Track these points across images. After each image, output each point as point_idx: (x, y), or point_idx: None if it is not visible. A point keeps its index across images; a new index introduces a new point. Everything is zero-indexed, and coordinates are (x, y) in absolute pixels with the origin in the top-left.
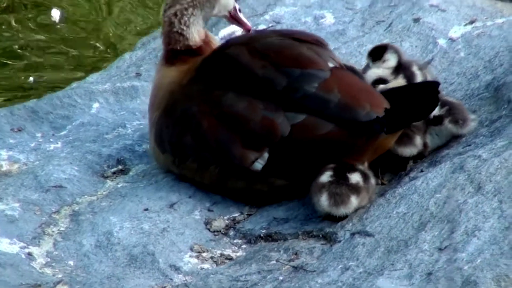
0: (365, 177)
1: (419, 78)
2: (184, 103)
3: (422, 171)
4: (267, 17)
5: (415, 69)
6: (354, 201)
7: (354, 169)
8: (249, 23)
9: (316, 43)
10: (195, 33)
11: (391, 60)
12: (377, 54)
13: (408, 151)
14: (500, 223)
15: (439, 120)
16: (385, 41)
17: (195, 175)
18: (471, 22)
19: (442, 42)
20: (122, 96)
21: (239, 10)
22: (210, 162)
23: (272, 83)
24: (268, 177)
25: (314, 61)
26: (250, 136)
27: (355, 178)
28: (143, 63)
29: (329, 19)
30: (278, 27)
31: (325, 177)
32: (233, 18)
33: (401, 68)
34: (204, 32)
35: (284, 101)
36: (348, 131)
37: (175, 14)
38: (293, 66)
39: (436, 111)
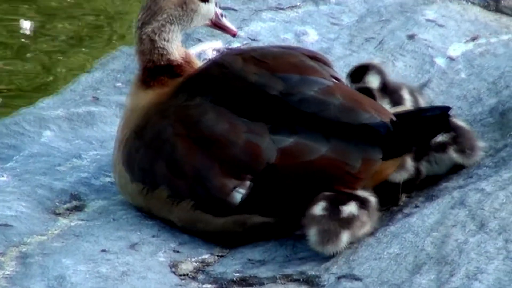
0: (363, 204)
1: (408, 103)
2: (157, 122)
3: (417, 206)
4: (241, 33)
5: (404, 92)
6: (344, 238)
7: (350, 198)
8: (234, 28)
9: (321, 60)
10: (175, 49)
11: (373, 82)
12: (357, 75)
13: (397, 176)
14: (506, 265)
15: (442, 147)
16: (376, 60)
17: (163, 208)
18: (473, 39)
19: (440, 61)
20: (77, 123)
21: (222, 15)
22: (183, 193)
23: (266, 88)
24: (249, 212)
25: (316, 69)
26: (231, 162)
27: (349, 209)
28: (101, 86)
29: (312, 35)
30: (254, 44)
31: (318, 209)
32: (216, 25)
33: (387, 91)
34: (183, 50)
35: (277, 107)
36: (344, 152)
37: (154, 32)
38: (292, 72)
39: (440, 136)
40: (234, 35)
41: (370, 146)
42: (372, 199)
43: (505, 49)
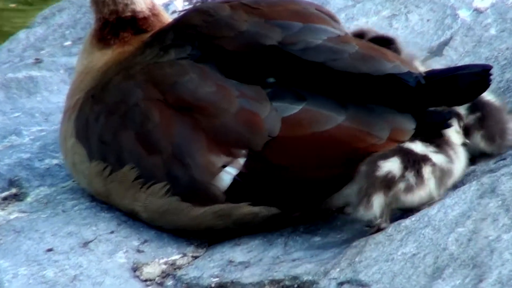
0: (414, 162)
1: None
2: (122, 83)
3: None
4: None
5: (417, 65)
6: (377, 202)
7: (396, 152)
8: None
9: (328, 14)
10: None
11: None
12: None
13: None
14: None
15: (465, 131)
16: (386, 13)
17: (127, 194)
18: None
19: (464, 14)
20: (16, 91)
21: None
22: (157, 173)
23: (260, 38)
24: (238, 200)
25: (323, 18)
26: (220, 135)
27: (388, 166)
28: (44, 45)
29: None
30: None
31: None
32: None
33: None
34: (150, 1)
35: (275, 60)
36: (367, 120)
37: None
38: (292, 20)
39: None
40: None
41: (398, 113)
42: (436, 158)
43: None
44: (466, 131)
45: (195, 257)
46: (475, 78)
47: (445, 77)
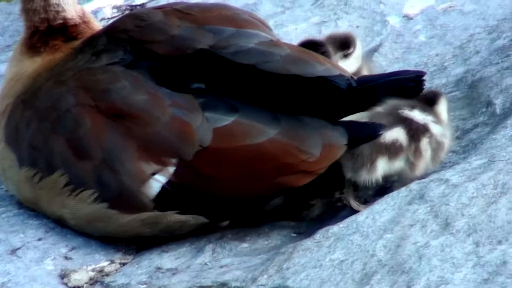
0: (417, 132)
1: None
2: (53, 88)
3: (366, 201)
4: None
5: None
6: (381, 166)
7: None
8: None
9: (260, 21)
10: (70, 5)
11: None
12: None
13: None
14: (477, 274)
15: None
16: (315, 19)
17: (55, 200)
18: None
19: (394, 20)
20: None
21: None
22: (86, 180)
23: (192, 42)
24: (166, 208)
25: (255, 23)
26: (151, 143)
27: (394, 135)
28: None
29: None
30: (163, 0)
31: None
32: None
33: None
34: (80, 8)
35: (206, 63)
36: (299, 134)
37: None
38: (224, 25)
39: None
40: None
41: (331, 125)
42: (436, 129)
43: (474, 5)
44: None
45: (123, 264)
46: (409, 83)
47: (379, 82)
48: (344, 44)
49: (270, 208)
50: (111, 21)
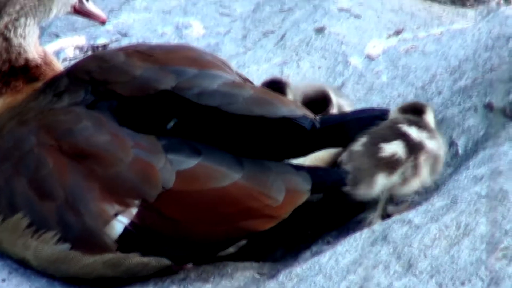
0: (415, 147)
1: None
2: (15, 129)
3: (329, 242)
4: (109, 27)
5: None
6: (380, 181)
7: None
8: (102, 13)
9: (224, 62)
10: (32, 46)
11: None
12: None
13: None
14: None
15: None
16: (277, 60)
17: (17, 242)
18: (397, 33)
19: (356, 61)
20: None
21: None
22: (49, 221)
23: (154, 83)
24: (129, 249)
25: (218, 64)
26: (114, 184)
27: (392, 148)
28: None
29: (197, 29)
30: (125, 41)
31: (357, 144)
32: (80, 12)
33: None
34: (42, 49)
35: (169, 104)
36: (263, 179)
37: (6, 27)
38: (187, 66)
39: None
40: (103, 22)
41: (295, 170)
42: (431, 145)
43: (436, 45)
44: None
45: None
46: (374, 121)
47: (344, 121)
48: (321, 105)
49: (234, 249)
50: (73, 61)
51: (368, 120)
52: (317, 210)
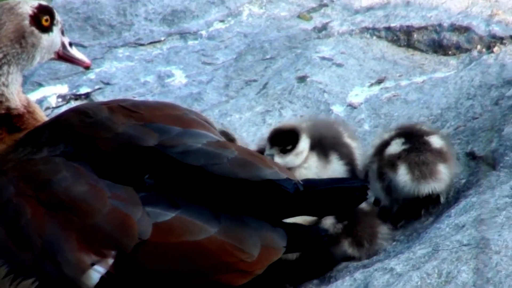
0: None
1: None
2: None
3: None
4: (92, 76)
5: None
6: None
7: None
8: (86, 58)
9: (207, 121)
10: (15, 94)
11: None
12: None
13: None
14: None
15: (333, 240)
16: (259, 108)
17: None
18: (379, 82)
19: (338, 109)
20: None
21: (70, 45)
22: (27, 269)
23: (137, 140)
24: None
25: (202, 124)
26: (91, 234)
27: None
28: None
29: (179, 78)
30: (108, 89)
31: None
32: (64, 58)
33: None
34: (25, 97)
35: (151, 162)
36: (239, 235)
37: None
38: (171, 124)
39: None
40: (87, 67)
41: (271, 227)
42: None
43: (418, 94)
44: (334, 240)
45: None
46: (354, 193)
47: (325, 188)
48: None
49: None
50: (56, 110)
51: (349, 191)
52: (296, 263)
